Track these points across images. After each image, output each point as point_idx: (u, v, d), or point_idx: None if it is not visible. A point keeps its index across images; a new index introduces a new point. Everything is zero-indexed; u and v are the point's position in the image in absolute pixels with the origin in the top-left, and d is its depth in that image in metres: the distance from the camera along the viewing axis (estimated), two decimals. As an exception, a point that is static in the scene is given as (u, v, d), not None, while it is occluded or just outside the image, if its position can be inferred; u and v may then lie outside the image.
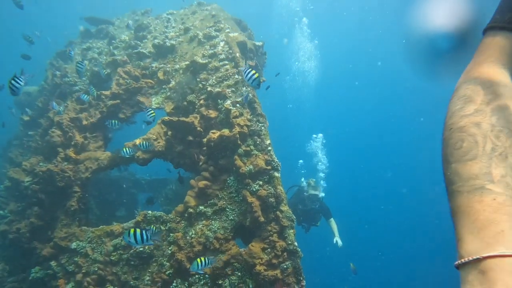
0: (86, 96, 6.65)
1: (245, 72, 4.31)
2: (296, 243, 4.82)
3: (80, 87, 7.22)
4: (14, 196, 7.41)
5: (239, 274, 4.85)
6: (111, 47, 7.81)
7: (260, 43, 6.94)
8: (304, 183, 8.23)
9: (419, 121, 29.77)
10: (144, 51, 7.06)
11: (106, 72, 7.30)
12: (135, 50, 7.23)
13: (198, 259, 4.17)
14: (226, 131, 5.04)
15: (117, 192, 10.01)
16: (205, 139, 5.17)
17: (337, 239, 7.62)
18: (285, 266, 4.74)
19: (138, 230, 3.94)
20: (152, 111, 5.57)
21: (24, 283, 6.50)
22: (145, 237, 3.94)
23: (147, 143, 5.56)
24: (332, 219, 8.05)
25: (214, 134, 5.07)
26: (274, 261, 4.75)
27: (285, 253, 4.78)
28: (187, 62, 6.40)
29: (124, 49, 7.63)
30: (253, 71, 4.23)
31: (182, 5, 8.68)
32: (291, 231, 4.84)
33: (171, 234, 5.24)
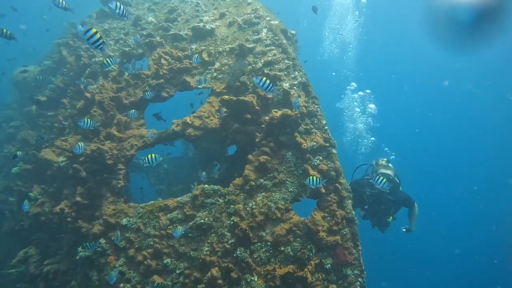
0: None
1: (259, 83, 4.66)
2: (353, 212, 5.36)
3: (112, 66, 7.15)
4: (38, 177, 7.19)
5: (300, 240, 5.29)
6: (138, 28, 7.79)
7: (294, 32, 7.37)
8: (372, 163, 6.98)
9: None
10: (181, 33, 7.16)
11: (138, 52, 7.32)
12: (170, 32, 7.31)
13: None
14: (288, 111, 5.43)
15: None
16: (267, 117, 5.51)
17: (408, 227, 6.70)
18: (344, 232, 5.25)
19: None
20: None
21: (61, 264, 6.42)
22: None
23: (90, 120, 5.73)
24: (415, 208, 6.72)
25: (277, 113, 5.43)
26: (335, 228, 5.25)
27: (344, 221, 5.30)
28: (231, 45, 6.66)
29: (154, 30, 7.65)
30: (265, 79, 4.66)
31: None
32: (349, 201, 5.37)
33: (231, 206, 5.52)
